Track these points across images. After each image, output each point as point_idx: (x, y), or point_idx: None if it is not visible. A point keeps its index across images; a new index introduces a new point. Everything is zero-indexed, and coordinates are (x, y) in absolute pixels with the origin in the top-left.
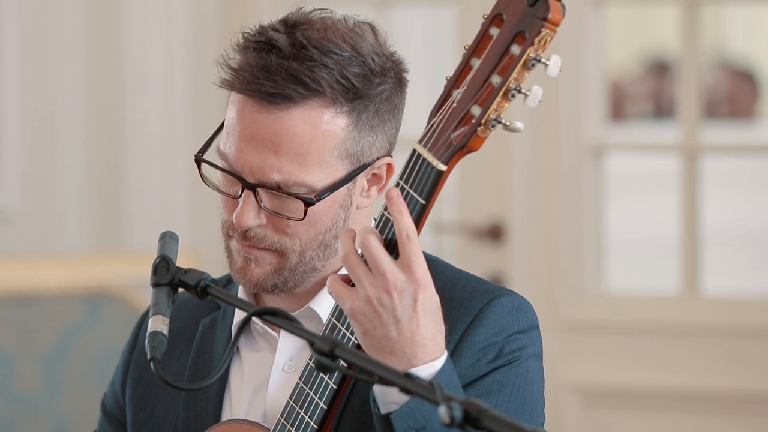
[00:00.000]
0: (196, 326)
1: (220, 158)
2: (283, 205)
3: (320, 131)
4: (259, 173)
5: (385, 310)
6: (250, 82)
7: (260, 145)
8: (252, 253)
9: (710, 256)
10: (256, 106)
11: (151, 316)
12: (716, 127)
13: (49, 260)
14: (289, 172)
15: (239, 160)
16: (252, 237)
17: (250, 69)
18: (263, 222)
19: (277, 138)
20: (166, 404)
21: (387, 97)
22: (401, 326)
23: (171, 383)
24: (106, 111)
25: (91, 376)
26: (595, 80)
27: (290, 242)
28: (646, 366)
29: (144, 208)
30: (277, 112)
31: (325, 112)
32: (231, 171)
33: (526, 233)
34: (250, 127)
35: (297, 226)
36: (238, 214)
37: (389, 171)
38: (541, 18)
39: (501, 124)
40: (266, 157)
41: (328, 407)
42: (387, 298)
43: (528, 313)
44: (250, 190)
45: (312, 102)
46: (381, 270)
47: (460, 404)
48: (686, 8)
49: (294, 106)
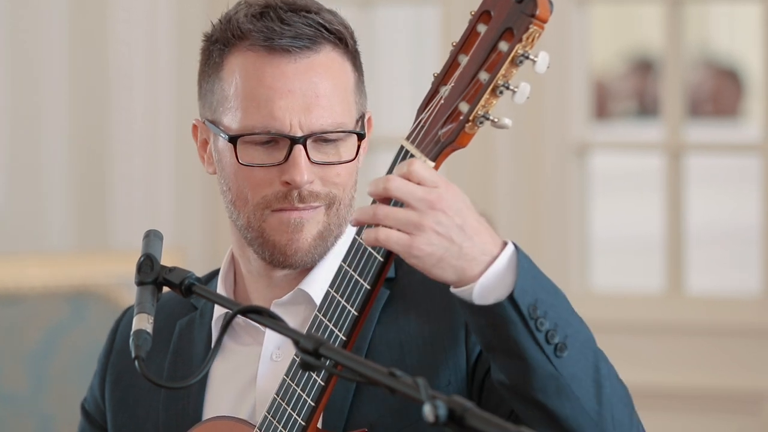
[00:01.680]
0: (172, 328)
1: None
2: (327, 153)
3: (343, 73)
4: (306, 123)
5: (447, 228)
6: (270, 35)
7: (299, 95)
8: (305, 215)
9: (694, 255)
10: (282, 58)
11: (136, 314)
12: (700, 125)
13: (33, 259)
14: (332, 114)
15: (281, 118)
16: (307, 196)
17: (265, 25)
18: (314, 178)
19: (313, 84)
20: (147, 405)
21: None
22: (469, 231)
23: (156, 382)
24: (90, 109)
25: (76, 374)
26: (579, 79)
27: (339, 192)
28: (630, 364)
29: (129, 206)
30: (303, 59)
31: (338, 55)
32: (276, 133)
33: (510, 231)
34: (286, 82)
35: (345, 173)
36: (297, 172)
37: (370, 126)
38: (529, 14)
39: (489, 120)
40: (310, 104)
41: (316, 404)
42: (442, 215)
43: None
44: (300, 144)
45: (327, 46)
46: (419, 197)
47: (444, 402)
48: (670, 6)
49: (315, 52)
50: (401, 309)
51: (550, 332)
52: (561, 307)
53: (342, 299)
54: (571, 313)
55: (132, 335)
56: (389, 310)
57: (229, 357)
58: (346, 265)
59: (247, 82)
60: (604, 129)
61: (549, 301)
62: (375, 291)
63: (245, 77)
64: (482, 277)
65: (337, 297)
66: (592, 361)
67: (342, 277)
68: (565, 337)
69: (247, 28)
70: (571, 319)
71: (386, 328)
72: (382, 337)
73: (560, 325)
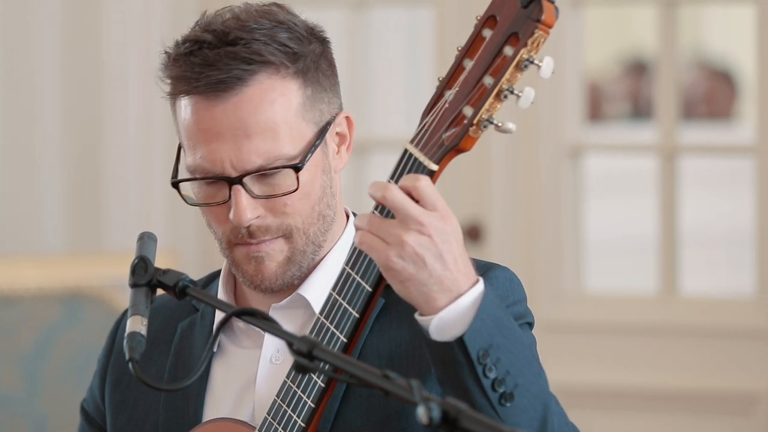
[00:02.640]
0: (174, 330)
1: (192, 174)
2: (273, 185)
3: (278, 101)
4: (239, 164)
5: (427, 251)
6: (197, 78)
7: (229, 136)
8: (261, 249)
9: (688, 256)
10: (209, 101)
11: (130, 316)
12: (694, 127)
13: (28, 260)
14: (267, 149)
15: (214, 160)
16: (256, 232)
17: (191, 69)
18: (261, 213)
19: (242, 122)
20: (146, 406)
21: (318, 54)
22: (446, 261)
23: (149, 384)
24: (84, 112)
25: (70, 376)
26: (573, 81)
27: (292, 221)
28: (624, 366)
29: (122, 209)
30: (231, 98)
31: (274, 81)
32: (212, 176)
33: (504, 233)
34: (213, 124)
35: (294, 202)
36: (235, 213)
37: (350, 126)
38: (534, 19)
39: (493, 124)
40: (240, 145)
41: (316, 406)
42: (426, 239)
43: (519, 285)
44: (238, 184)
45: (260, 76)
46: (411, 215)
47: (438, 404)
48: (664, 8)
49: (245, 86)
50: (394, 319)
51: (498, 380)
52: (518, 356)
53: (344, 302)
54: (527, 363)
55: (126, 337)
56: (383, 319)
57: (229, 360)
58: (349, 267)
59: (185, 125)
60: (598, 131)
61: (505, 347)
62: (376, 294)
63: (184, 120)
64: (443, 312)
65: (339, 299)
66: (540, 413)
67: (344, 279)
68: (515, 387)
69: (174, 75)
70: (526, 369)
71: (378, 337)
72: (372, 345)
73: (512, 374)
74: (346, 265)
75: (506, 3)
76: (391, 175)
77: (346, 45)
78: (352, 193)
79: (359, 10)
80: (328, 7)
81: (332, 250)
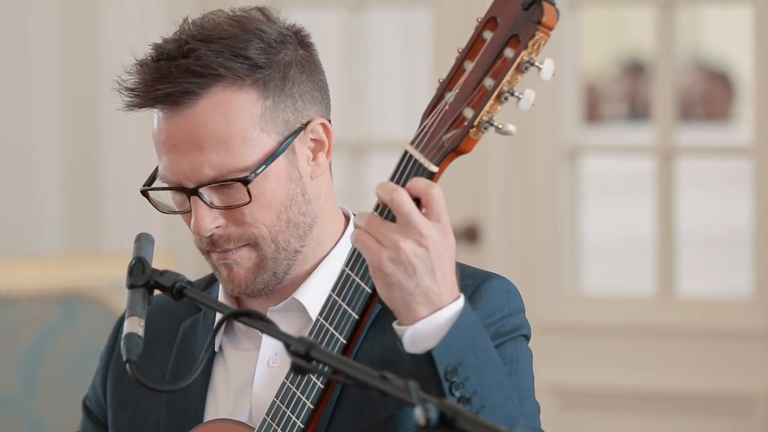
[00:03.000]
0: (176, 329)
1: (161, 182)
2: (229, 196)
3: (232, 112)
4: (193, 175)
5: (420, 262)
6: (149, 92)
7: (183, 148)
8: (228, 257)
9: (685, 257)
10: (165, 114)
11: (127, 317)
12: (691, 128)
13: (26, 262)
14: (219, 162)
15: (172, 171)
16: (218, 240)
17: (145, 81)
18: (222, 222)
19: (194, 135)
20: (148, 405)
21: (291, 61)
22: (436, 276)
23: (147, 384)
24: (82, 113)
25: (67, 376)
26: (570, 82)
27: (255, 230)
28: (622, 367)
29: (120, 210)
30: (184, 110)
31: (229, 93)
32: (171, 186)
33: (502, 235)
34: (169, 136)
35: (253, 212)
36: (194, 223)
37: (327, 132)
38: (535, 21)
39: (493, 126)
40: (192, 157)
41: (315, 407)
42: (422, 250)
43: (516, 296)
44: (195, 195)
45: (213, 89)
46: (413, 223)
47: (435, 406)
48: (661, 9)
49: (197, 99)
50: (389, 325)
51: (464, 399)
52: (488, 377)
53: (344, 303)
54: (498, 385)
55: (123, 339)
56: (377, 325)
57: (229, 361)
58: (348, 269)
59: (153, 135)
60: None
61: (476, 367)
62: (376, 295)
63: (152, 129)
64: (419, 323)
65: (339, 301)
66: None
67: (344, 281)
68: (481, 407)
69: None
70: (495, 392)
71: (372, 343)
72: (367, 352)
73: (479, 394)
74: (346, 266)
75: (507, 5)
76: (392, 176)
77: (344, 46)
78: (350, 194)
79: (357, 11)
80: (326, 8)
81: (330, 254)
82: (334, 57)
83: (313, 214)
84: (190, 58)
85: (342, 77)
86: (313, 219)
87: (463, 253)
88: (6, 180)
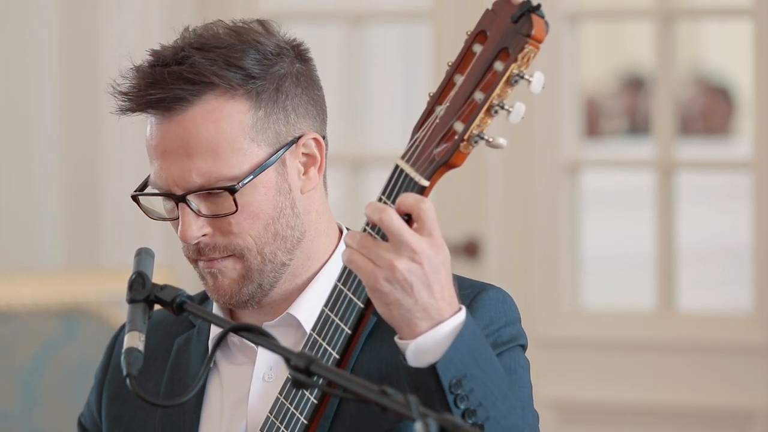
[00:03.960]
0: (170, 345)
1: (152, 188)
2: (216, 205)
3: (222, 121)
4: (181, 182)
5: (416, 278)
6: (141, 97)
7: (173, 155)
8: (213, 266)
9: (685, 272)
10: (158, 120)
11: (127, 332)
12: (691, 143)
13: (25, 277)
14: (207, 170)
15: (162, 177)
16: (204, 249)
17: (138, 86)
18: (208, 231)
19: (184, 141)
20: (142, 421)
21: (286, 74)
22: (433, 290)
23: (147, 399)
24: (81, 128)
25: (67, 391)
26: (570, 97)
27: (241, 241)
28: (622, 381)
29: (119, 225)
30: (175, 117)
31: (221, 102)
32: (160, 192)
33: (501, 250)
34: (160, 142)
35: (240, 222)
36: (181, 230)
37: (320, 147)
38: (524, 34)
39: (484, 140)
40: (181, 164)
41: (309, 422)
42: (417, 266)
43: (513, 306)
44: (182, 202)
45: (205, 96)
46: (405, 241)
47: (435, 420)
48: (661, 24)
49: (189, 106)
50: (386, 337)
51: (469, 411)
52: (492, 388)
53: (336, 318)
54: (503, 396)
55: (123, 353)
56: (373, 337)
57: (223, 376)
58: (341, 284)
59: (145, 140)
60: (596, 147)
61: (480, 379)
62: (368, 310)
63: (146, 134)
64: (420, 338)
65: (331, 316)
66: None
67: (336, 296)
68: (486, 419)
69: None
70: (500, 402)
71: (368, 355)
72: (363, 364)
73: (484, 406)
74: (339, 281)
75: (496, 18)
76: (383, 190)
77: (345, 60)
78: (349, 208)
79: (357, 26)
80: (327, 22)
81: (323, 269)
82: (335, 71)
83: (302, 228)
84: (184, 65)
85: (342, 91)
86: (302, 233)
87: (463, 267)
88: (5, 196)
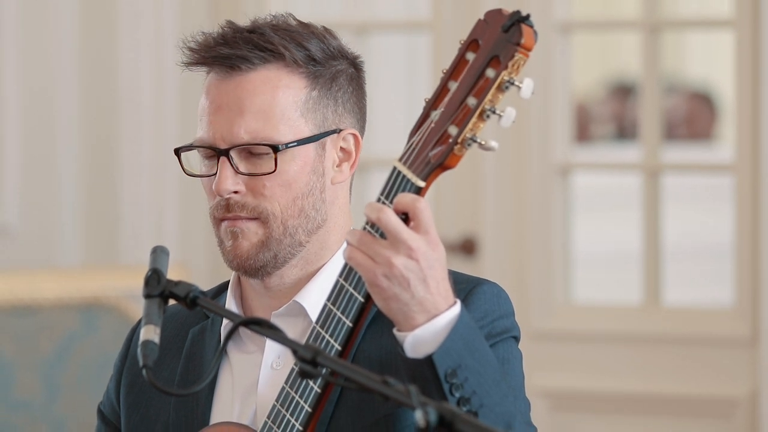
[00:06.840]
0: (185, 336)
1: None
2: (255, 165)
3: (279, 89)
4: (228, 136)
5: (413, 274)
6: (209, 51)
7: (226, 111)
8: (237, 225)
9: (670, 269)
10: (219, 77)
11: (143, 326)
12: (676, 147)
13: (47, 273)
14: (256, 128)
15: (210, 132)
16: (233, 206)
17: (207, 43)
18: (242, 189)
19: (240, 100)
20: (158, 407)
21: (342, 71)
22: (429, 285)
23: (162, 389)
24: (100, 129)
25: (87, 382)
26: (561, 103)
27: (269, 206)
28: (610, 372)
29: (136, 224)
30: (236, 76)
31: (282, 73)
32: (204, 145)
33: (497, 248)
34: (217, 98)
35: (273, 186)
36: (217, 181)
37: (357, 145)
38: (514, 43)
39: (477, 143)
40: (233, 119)
41: (313, 410)
42: (413, 263)
43: (507, 300)
44: (225, 156)
45: (269, 65)
46: (402, 239)
47: (435, 408)
48: (648, 34)
49: (252, 69)
50: (386, 327)
51: (464, 399)
52: (486, 377)
53: (338, 311)
54: (495, 384)
55: (140, 345)
56: (374, 327)
57: (234, 365)
58: (342, 279)
59: (202, 99)
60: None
61: (474, 368)
62: (369, 304)
63: (203, 95)
64: (418, 330)
65: (333, 309)
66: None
67: (338, 291)
68: (480, 406)
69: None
70: (493, 390)
71: (369, 344)
72: (364, 352)
73: (478, 394)
74: (340, 276)
75: (488, 28)
76: (381, 191)
77: None
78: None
79: (361, 35)
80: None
81: (330, 260)
82: None
83: (325, 216)
84: (256, 33)
85: None
86: (323, 220)
87: (461, 265)
88: (28, 197)
